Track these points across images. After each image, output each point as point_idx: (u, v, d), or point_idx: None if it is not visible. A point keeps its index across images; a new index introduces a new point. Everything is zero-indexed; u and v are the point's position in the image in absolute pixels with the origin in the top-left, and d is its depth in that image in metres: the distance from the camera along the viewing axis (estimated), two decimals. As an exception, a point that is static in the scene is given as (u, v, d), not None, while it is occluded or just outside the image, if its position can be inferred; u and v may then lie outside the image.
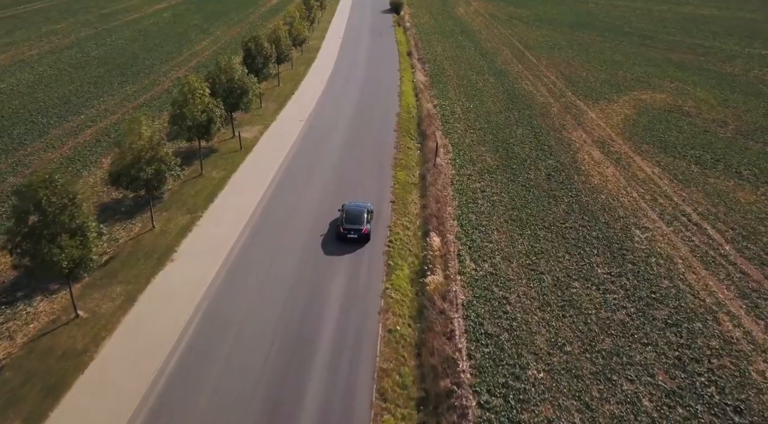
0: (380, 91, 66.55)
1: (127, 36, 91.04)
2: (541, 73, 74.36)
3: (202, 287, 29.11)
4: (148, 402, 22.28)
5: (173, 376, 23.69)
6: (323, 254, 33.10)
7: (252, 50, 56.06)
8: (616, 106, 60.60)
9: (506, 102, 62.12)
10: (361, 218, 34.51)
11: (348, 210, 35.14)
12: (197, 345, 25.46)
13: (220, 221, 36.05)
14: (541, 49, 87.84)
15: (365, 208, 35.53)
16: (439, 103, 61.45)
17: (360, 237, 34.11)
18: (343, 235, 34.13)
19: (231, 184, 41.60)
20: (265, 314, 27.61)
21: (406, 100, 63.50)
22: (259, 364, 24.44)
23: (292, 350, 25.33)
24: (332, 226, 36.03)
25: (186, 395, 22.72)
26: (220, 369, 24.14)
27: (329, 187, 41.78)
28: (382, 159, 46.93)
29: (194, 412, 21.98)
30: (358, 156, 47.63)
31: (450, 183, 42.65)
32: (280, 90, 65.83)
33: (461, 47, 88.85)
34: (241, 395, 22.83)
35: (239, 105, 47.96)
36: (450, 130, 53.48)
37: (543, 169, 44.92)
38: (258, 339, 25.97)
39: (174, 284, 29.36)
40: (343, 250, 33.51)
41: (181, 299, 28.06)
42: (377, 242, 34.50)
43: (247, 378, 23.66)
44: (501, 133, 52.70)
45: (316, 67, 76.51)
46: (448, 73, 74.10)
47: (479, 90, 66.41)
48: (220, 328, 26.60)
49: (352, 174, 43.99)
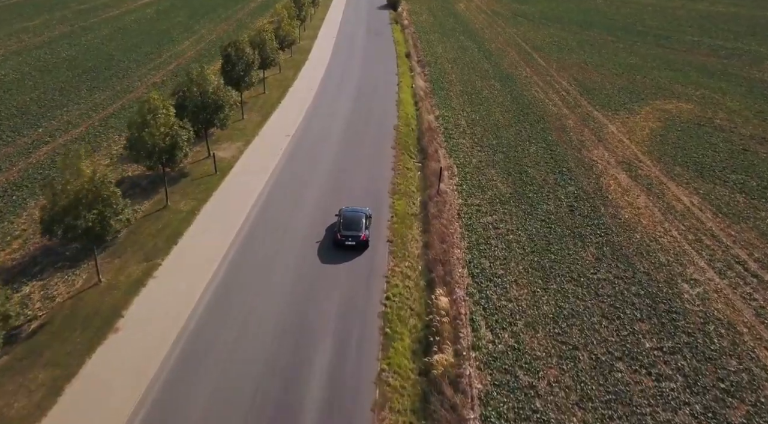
0: (376, 100, 60.27)
1: (105, 34, 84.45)
2: (552, 78, 68.13)
3: (148, 373, 22.94)
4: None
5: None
6: (304, 325, 26.96)
7: (232, 57, 49.68)
8: (638, 119, 54.45)
9: (516, 113, 55.92)
10: (359, 223, 32.79)
11: (345, 216, 33.35)
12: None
13: (182, 272, 29.86)
14: (549, 50, 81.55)
15: (363, 214, 33.67)
16: (442, 114, 55.25)
17: (358, 244, 32.36)
18: (340, 241, 32.31)
19: (200, 220, 35.37)
20: (226, 413, 21.47)
21: (405, 110, 57.27)
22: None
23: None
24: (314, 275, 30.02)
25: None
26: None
27: (317, 220, 35.67)
28: (378, 184, 40.80)
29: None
30: (351, 180, 41.45)
31: (457, 216, 36.54)
32: (266, 98, 59.47)
33: (463, 48, 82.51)
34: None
35: (214, 121, 41.66)
36: (454, 148, 47.29)
37: (564, 198, 38.80)
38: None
39: (114, 365, 23.21)
40: (332, 309, 27.40)
41: (120, 393, 21.87)
42: (372, 298, 28.41)
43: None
44: (512, 151, 46.53)
45: (306, 72, 70.11)
46: (450, 77, 67.81)
47: (485, 98, 60.18)
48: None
49: (345, 203, 37.87)
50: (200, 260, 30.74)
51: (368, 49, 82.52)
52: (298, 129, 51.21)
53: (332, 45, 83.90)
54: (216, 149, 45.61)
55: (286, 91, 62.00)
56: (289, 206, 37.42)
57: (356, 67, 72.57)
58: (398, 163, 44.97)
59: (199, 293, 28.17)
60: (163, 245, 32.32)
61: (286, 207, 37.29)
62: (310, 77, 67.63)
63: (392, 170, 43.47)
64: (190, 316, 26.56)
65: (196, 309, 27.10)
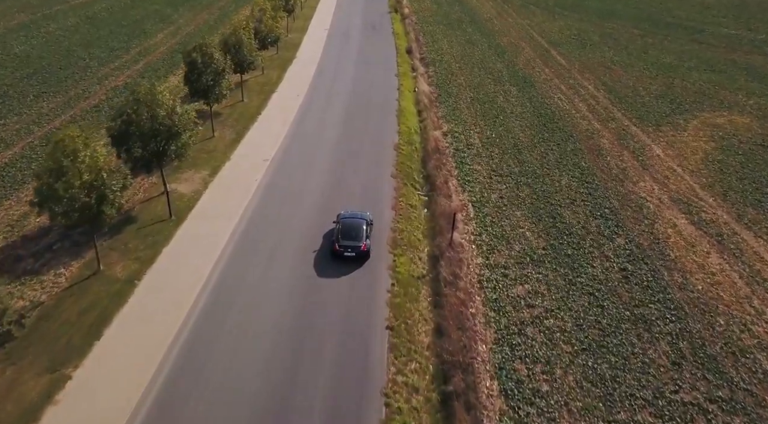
0: (373, 109, 51.36)
1: (69, 25, 74.91)
2: (576, 81, 59.13)
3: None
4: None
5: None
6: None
7: (197, 64, 40.66)
8: (686, 136, 45.66)
9: (538, 128, 47.10)
10: (359, 232, 29.62)
11: (344, 223, 30.06)
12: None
13: (102, 389, 21.27)
14: (569, 46, 72.34)
15: (364, 221, 30.45)
16: (451, 130, 46.44)
17: (358, 255, 29.26)
18: (339, 253, 29.16)
19: (139, 295, 26.73)
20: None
21: (407, 123, 48.43)
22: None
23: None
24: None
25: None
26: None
27: (297, 287, 27.18)
28: (375, 230, 32.20)
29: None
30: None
31: (477, 284, 28.03)
32: (244, 108, 50.47)
33: (472, 43, 73.24)
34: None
35: (166, 153, 32.86)
36: (468, 177, 38.62)
37: (613, 256, 30.23)
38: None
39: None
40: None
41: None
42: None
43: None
44: (539, 183, 37.86)
45: (293, 73, 60.95)
46: (458, 80, 58.79)
47: (500, 108, 51.28)
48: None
49: (333, 261, 29.34)
50: (129, 371, 22.11)
51: (365, 43, 73.24)
52: (279, 150, 42.36)
53: (324, 39, 74.54)
54: (175, 181, 36.86)
55: (268, 98, 52.98)
56: (259, 270, 28.78)
57: (351, 67, 63.41)
58: (400, 198, 36.29)
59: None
60: (80, 340, 23.68)
61: (255, 271, 28.63)
62: (297, 80, 58.52)
63: (392, 210, 34.81)
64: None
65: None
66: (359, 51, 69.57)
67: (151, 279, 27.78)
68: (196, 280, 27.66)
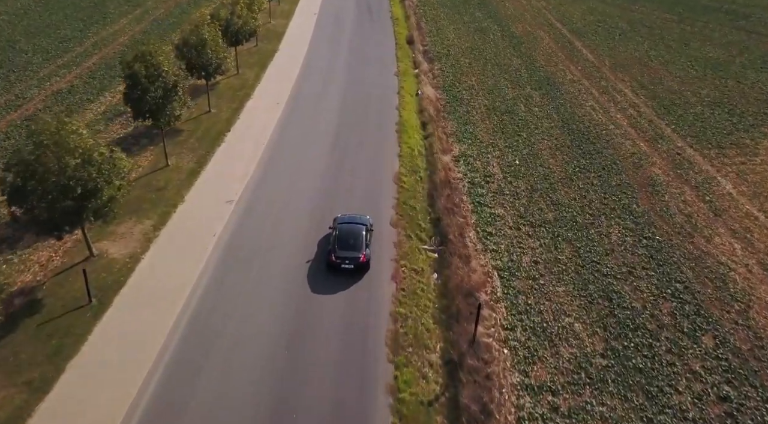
0: (369, 122, 42.24)
1: (18, 6, 64.59)
2: (609, 83, 49.81)
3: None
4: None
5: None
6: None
7: (140, 78, 31.30)
8: (759, 164, 36.70)
9: (572, 150, 38.11)
10: (358, 241, 26.24)
11: (342, 230, 26.68)
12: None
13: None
14: (595, 35, 62.66)
15: (364, 226, 27.16)
16: (463, 153, 37.44)
17: (357, 267, 25.78)
18: (335, 264, 25.79)
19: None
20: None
21: (410, 142, 39.40)
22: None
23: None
24: None
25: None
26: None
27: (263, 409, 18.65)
28: (367, 321, 23.55)
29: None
30: (322, 314, 24.08)
31: (513, 416, 19.37)
32: (210, 122, 41.19)
33: (482, 31, 63.48)
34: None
35: (83, 217, 23.91)
36: (490, 227, 29.87)
37: (704, 373, 21.58)
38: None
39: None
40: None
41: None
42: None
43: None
44: (583, 238, 29.08)
45: (274, 71, 51.44)
46: (469, 81, 49.45)
47: (523, 121, 42.15)
48: None
49: (312, 367, 20.75)
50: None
51: (358, 31, 63.45)
52: (248, 185, 33.33)
53: (312, 25, 64.58)
54: (107, 237, 28.08)
55: (241, 107, 43.63)
56: (216, 378, 20.06)
57: (342, 63, 53.88)
58: (402, 261, 27.47)
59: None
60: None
61: (211, 379, 19.86)
62: (278, 81, 49.06)
63: (392, 280, 26.05)
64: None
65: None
66: (352, 41, 59.88)
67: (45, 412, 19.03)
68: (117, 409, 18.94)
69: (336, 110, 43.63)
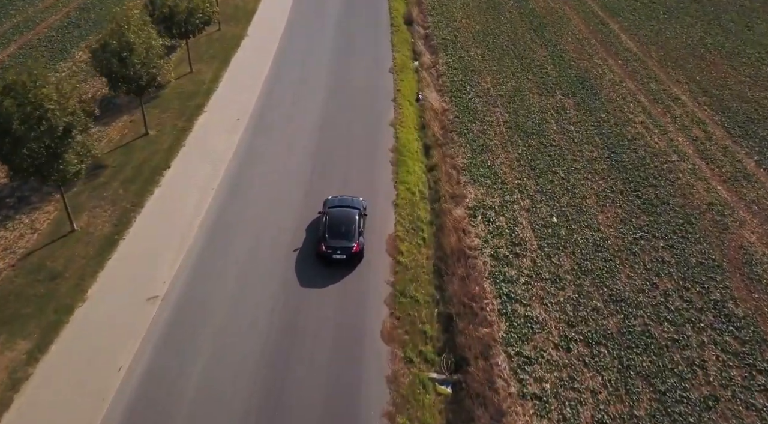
0: (356, 148, 32.48)
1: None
2: (661, 85, 39.44)
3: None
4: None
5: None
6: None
7: (9, 122, 21.10)
8: None
9: (627, 199, 28.39)
10: (351, 228, 23.46)
11: (332, 216, 23.87)
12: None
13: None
14: (633, 13, 51.63)
15: (357, 211, 24.27)
16: (480, 199, 27.73)
17: (349, 257, 23.06)
18: (326, 255, 23.06)
19: None
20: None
21: (408, 179, 29.87)
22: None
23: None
24: None
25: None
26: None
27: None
28: None
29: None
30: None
31: None
32: (144, 151, 31.15)
33: (496, 7, 52.37)
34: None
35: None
36: (525, 347, 20.82)
37: None
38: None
39: None
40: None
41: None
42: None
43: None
44: (662, 369, 19.85)
45: (238, 68, 40.92)
46: (482, 82, 39.09)
47: (556, 147, 32.26)
48: None
49: None
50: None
51: (347, 7, 52.11)
52: (184, 267, 23.60)
53: (289, 6, 53.06)
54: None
55: (188, 128, 33.46)
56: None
57: (325, 54, 43.27)
58: (399, 416, 18.13)
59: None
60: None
61: None
62: (242, 82, 38.74)
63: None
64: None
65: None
66: (339, 22, 48.86)
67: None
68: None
69: (314, 129, 33.55)
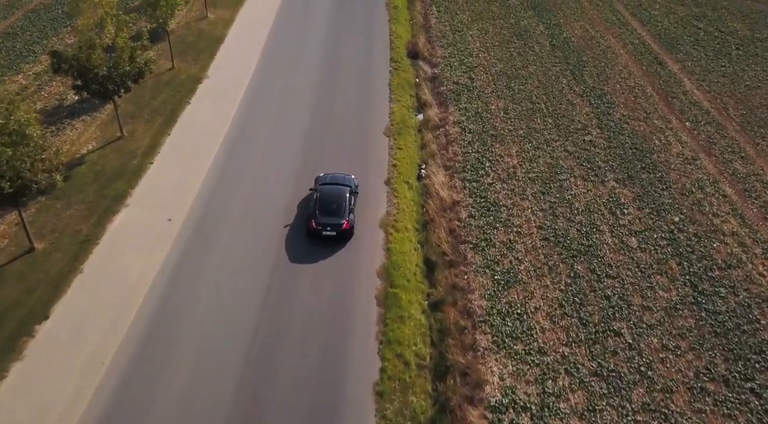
0: (325, 276, 22.37)
1: None
2: (749, 167, 29.33)
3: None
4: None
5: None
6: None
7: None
8: None
9: (732, 391, 18.30)
10: (341, 205, 23.58)
11: (323, 192, 24.09)
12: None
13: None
14: (698, 52, 40.89)
15: (348, 188, 24.43)
16: (505, 377, 18.51)
17: (339, 234, 23.21)
18: (316, 232, 23.22)
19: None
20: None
21: (398, 333, 20.72)
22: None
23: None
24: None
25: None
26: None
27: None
28: None
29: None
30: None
31: None
32: (93, 197, 21.36)
33: (521, 36, 41.94)
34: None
35: None
36: None
37: None
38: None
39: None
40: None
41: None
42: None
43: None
44: None
45: (184, 133, 30.79)
46: (506, 156, 29.57)
47: (617, 280, 22.49)
48: None
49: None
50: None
51: (338, 39, 41.74)
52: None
53: (272, 18, 42.74)
54: None
55: (100, 232, 23.56)
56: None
57: (308, 101, 33.41)
58: None
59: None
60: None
61: None
62: (188, 153, 28.74)
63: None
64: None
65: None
66: (326, 57, 38.69)
67: None
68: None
69: (276, 237, 23.70)
